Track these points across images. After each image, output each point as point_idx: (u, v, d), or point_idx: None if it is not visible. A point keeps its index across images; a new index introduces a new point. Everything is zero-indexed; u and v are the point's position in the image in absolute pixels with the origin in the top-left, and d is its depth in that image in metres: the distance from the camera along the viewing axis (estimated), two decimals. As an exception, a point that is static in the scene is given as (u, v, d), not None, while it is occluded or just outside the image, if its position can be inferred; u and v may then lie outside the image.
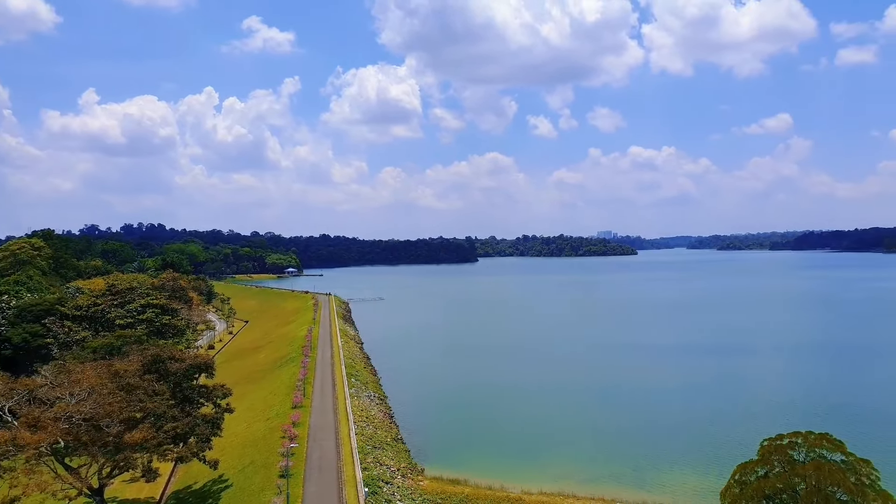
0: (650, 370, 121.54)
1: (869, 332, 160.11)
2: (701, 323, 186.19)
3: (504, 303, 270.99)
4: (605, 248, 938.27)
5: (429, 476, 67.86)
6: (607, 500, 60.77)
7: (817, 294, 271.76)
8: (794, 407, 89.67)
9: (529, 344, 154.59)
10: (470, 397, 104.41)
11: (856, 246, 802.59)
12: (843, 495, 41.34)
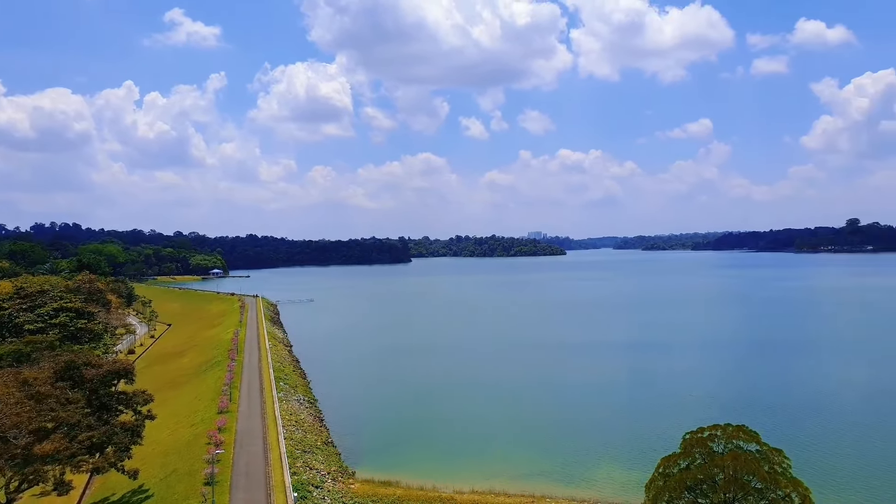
0: (577, 367, 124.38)
1: (780, 328, 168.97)
2: (625, 321, 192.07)
3: (436, 303, 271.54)
4: (535, 248, 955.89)
5: (360, 479, 67.13)
6: (537, 497, 61.66)
7: (734, 293, 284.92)
8: (714, 400, 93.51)
9: (460, 343, 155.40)
10: (401, 398, 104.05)
11: (771, 246, 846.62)
12: (758, 483, 43.39)
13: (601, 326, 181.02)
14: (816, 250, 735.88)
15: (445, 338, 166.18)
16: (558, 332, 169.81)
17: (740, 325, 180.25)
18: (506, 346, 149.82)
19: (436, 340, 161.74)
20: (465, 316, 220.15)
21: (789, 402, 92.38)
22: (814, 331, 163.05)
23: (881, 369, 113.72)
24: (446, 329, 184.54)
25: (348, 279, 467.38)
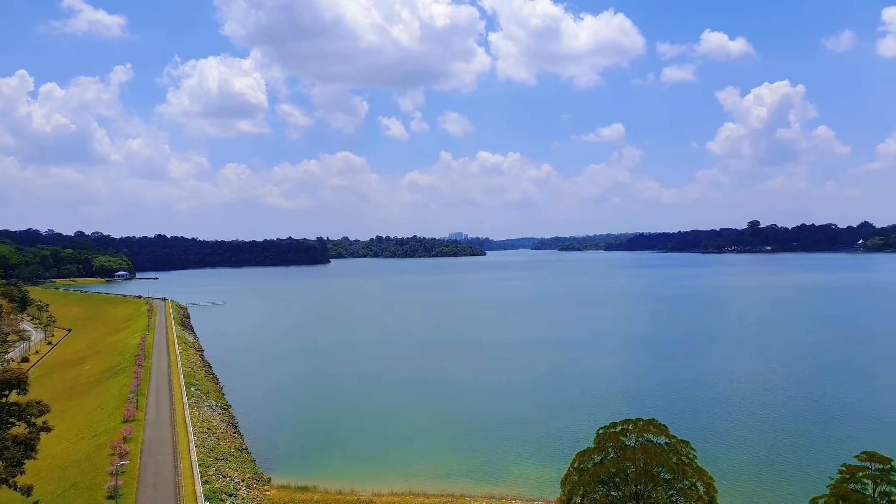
0: (495, 366, 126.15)
1: (686, 326, 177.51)
2: (540, 320, 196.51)
3: (353, 305, 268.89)
4: (456, 249, 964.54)
5: (276, 485, 65.45)
6: (456, 496, 61.96)
7: (644, 292, 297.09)
8: (626, 396, 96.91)
9: (377, 345, 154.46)
10: (318, 401, 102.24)
11: (679, 246, 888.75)
12: (667, 474, 45.21)
13: (518, 325, 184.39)
14: (721, 251, 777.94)
15: (362, 340, 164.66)
16: (476, 332, 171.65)
17: (649, 322, 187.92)
18: (423, 347, 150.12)
19: (353, 342, 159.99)
20: (382, 317, 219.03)
21: (695, 396, 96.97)
22: (716, 327, 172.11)
23: (776, 363, 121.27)
24: (363, 331, 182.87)
25: (263, 281, 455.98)
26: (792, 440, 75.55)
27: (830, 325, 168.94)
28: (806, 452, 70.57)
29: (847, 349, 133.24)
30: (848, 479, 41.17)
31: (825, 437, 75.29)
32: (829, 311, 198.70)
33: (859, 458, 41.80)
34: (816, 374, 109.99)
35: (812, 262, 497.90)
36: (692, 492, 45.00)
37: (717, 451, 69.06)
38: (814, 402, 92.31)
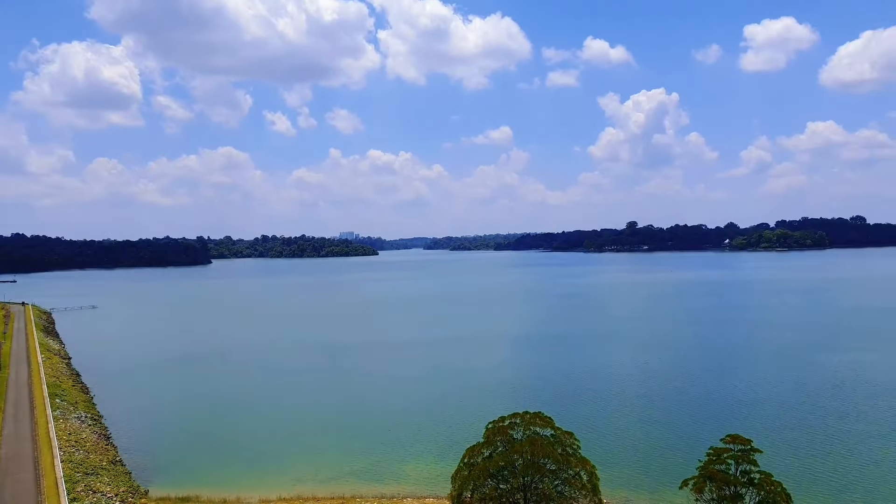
0: (384, 365, 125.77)
1: (568, 321, 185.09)
2: (430, 318, 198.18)
3: (235, 307, 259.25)
4: (347, 248, 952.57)
5: (154, 497, 61.80)
6: (347, 497, 61.12)
7: (529, 290, 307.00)
8: (514, 390, 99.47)
9: (259, 349, 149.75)
10: (197, 410, 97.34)
11: (563, 246, 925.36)
12: (552, 465, 46.87)
13: (407, 324, 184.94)
14: (602, 250, 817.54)
15: (243, 344, 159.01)
16: (365, 332, 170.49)
17: (535, 319, 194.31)
18: (309, 349, 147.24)
19: (232, 347, 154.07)
20: (265, 320, 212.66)
21: (578, 388, 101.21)
22: (596, 323, 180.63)
23: (650, 355, 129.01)
24: (244, 335, 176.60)
25: (138, 283, 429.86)
26: (665, 427, 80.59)
27: (698, 319, 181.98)
28: (678, 438, 75.43)
29: (713, 341, 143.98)
30: (714, 460, 44.41)
31: (695, 423, 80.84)
32: (697, 306, 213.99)
33: (724, 441, 45.21)
34: (686, 365, 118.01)
35: (683, 261, 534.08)
36: (576, 481, 46.90)
37: (598, 441, 72.34)
38: (685, 391, 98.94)
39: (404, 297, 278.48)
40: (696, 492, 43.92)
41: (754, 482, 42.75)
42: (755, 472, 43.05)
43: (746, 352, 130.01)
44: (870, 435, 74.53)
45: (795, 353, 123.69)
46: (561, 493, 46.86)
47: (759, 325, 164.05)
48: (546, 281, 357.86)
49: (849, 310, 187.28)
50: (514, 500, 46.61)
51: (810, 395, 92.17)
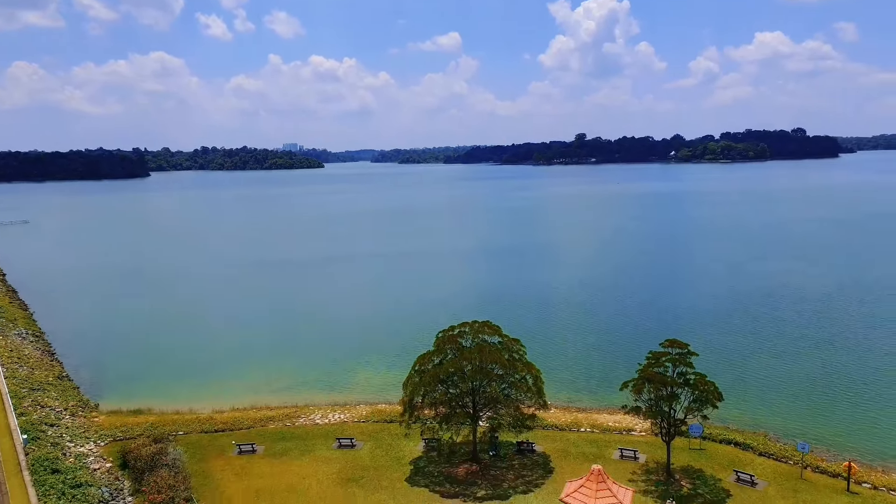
0: (335, 279, 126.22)
1: (516, 234, 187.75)
2: (381, 232, 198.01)
3: (178, 221, 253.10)
4: (291, 161, 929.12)
5: (105, 411, 61.95)
6: (300, 406, 62.47)
7: (479, 203, 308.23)
8: (464, 301, 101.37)
9: (207, 264, 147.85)
10: (143, 324, 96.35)
11: (512, 159, 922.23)
12: (500, 370, 48.68)
13: (357, 238, 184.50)
14: (551, 162, 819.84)
15: (189, 259, 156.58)
16: (313, 247, 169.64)
17: (483, 232, 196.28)
18: (257, 263, 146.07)
19: (176, 261, 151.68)
20: (210, 234, 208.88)
21: (525, 298, 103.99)
22: (544, 236, 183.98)
23: (596, 266, 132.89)
24: (189, 249, 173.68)
25: (71, 196, 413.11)
26: (608, 333, 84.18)
27: (641, 230, 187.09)
28: (620, 344, 79.04)
29: (655, 251, 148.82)
30: (653, 363, 46.80)
31: (636, 329, 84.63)
32: (641, 219, 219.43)
33: (663, 345, 47.53)
34: (629, 275, 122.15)
35: (630, 174, 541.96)
36: (522, 384, 48.96)
37: (544, 347, 75.13)
38: (627, 299, 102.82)
39: (353, 211, 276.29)
40: (635, 393, 46.47)
41: (689, 383, 45.41)
42: (691, 374, 45.64)
43: (686, 261, 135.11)
44: (796, 338, 79.62)
45: (732, 263, 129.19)
46: (508, 395, 48.96)
47: (699, 236, 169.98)
48: (495, 195, 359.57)
49: (783, 221, 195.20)
50: (464, 404, 48.52)
51: (744, 302, 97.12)
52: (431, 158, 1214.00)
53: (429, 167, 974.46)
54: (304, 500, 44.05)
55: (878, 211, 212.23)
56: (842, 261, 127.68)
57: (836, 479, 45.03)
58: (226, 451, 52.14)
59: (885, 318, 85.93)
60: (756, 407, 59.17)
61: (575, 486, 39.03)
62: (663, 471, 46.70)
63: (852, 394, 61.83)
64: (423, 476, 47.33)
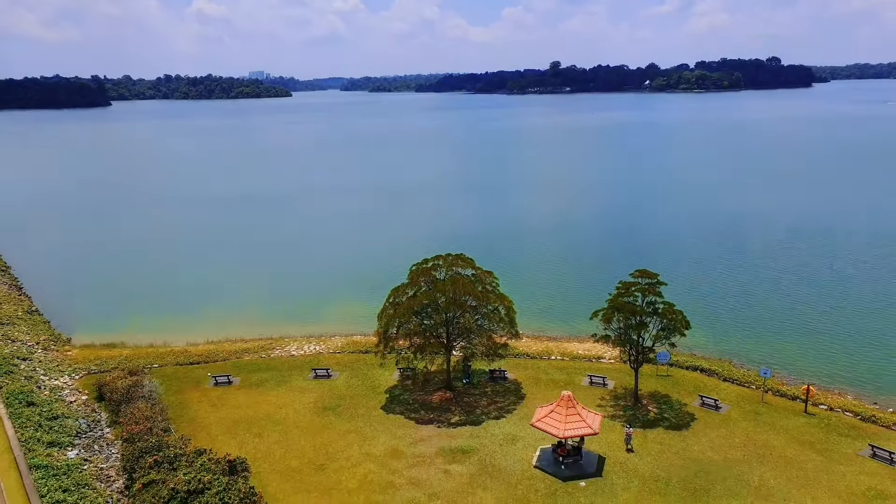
0: (308, 213, 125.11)
1: (490, 168, 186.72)
2: (355, 164, 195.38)
3: (145, 153, 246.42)
4: (258, 89, 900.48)
5: (78, 345, 61.78)
6: (275, 338, 62.92)
7: (450, 134, 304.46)
8: (437, 234, 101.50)
9: (169, 196, 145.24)
10: (112, 258, 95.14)
11: (486, 88, 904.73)
12: (473, 301, 49.32)
13: (327, 171, 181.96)
14: (525, 91, 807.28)
15: (155, 191, 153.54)
16: (283, 180, 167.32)
17: (457, 165, 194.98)
18: (228, 197, 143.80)
19: (143, 195, 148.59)
20: (175, 167, 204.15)
21: (498, 230, 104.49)
22: (517, 168, 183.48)
23: (570, 198, 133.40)
24: (154, 181, 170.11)
25: (27, 126, 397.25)
26: (579, 264, 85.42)
27: (614, 161, 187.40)
28: (591, 274, 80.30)
29: (627, 182, 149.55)
30: (623, 293, 47.71)
31: (607, 260, 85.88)
32: (614, 149, 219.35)
33: (633, 276, 48.37)
34: (601, 206, 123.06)
35: (604, 103, 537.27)
36: (495, 315, 49.77)
37: (516, 278, 75.88)
38: (598, 230, 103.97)
39: (323, 142, 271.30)
40: (605, 322, 47.53)
41: (658, 312, 46.53)
42: (660, 303, 46.72)
43: (658, 192, 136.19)
44: (762, 269, 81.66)
45: (703, 194, 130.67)
46: (481, 326, 49.81)
47: (670, 167, 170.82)
48: (468, 125, 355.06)
49: (754, 151, 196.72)
50: (438, 334, 49.28)
51: (713, 233, 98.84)
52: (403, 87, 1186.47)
53: (400, 96, 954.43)
54: (281, 429, 44.94)
55: (849, 144, 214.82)
56: (809, 194, 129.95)
57: (794, 402, 47.18)
58: (202, 382, 52.61)
59: (845, 251, 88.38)
60: (722, 335, 61.12)
61: (545, 412, 40.36)
62: (631, 396, 48.42)
63: (812, 322, 64.12)
64: (398, 404, 48.44)
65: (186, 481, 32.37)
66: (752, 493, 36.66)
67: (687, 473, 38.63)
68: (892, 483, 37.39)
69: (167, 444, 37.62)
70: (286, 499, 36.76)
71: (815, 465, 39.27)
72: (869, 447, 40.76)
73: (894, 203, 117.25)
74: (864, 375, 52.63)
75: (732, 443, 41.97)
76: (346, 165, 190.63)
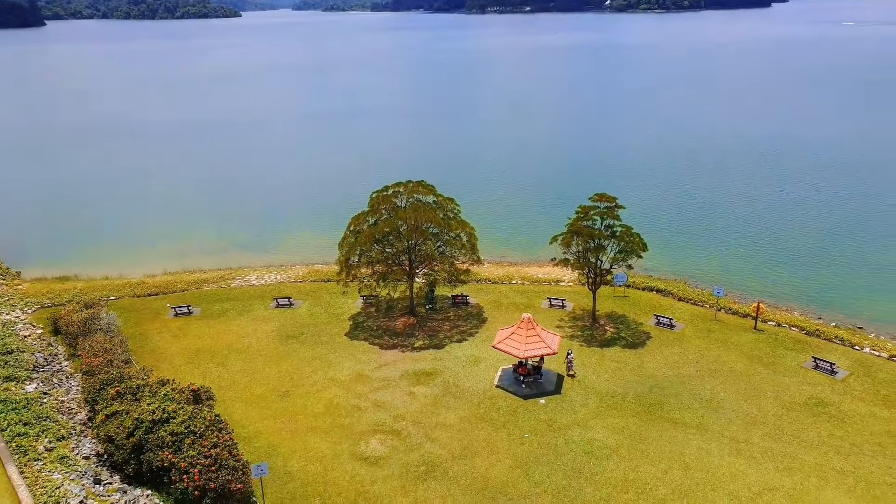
0: (264, 141, 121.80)
1: (448, 92, 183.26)
2: (308, 89, 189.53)
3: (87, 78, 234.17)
4: (205, 9, 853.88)
5: (28, 279, 60.11)
6: (234, 268, 62.20)
7: (407, 57, 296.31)
8: (397, 162, 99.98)
9: (116, 126, 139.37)
10: (60, 190, 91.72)
11: (445, 7, 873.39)
12: (435, 228, 49.21)
13: (282, 97, 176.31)
14: (484, 11, 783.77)
15: (98, 120, 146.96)
16: (236, 107, 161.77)
17: (414, 89, 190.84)
18: (178, 124, 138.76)
19: (87, 124, 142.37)
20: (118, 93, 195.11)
21: (459, 157, 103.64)
22: (476, 92, 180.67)
23: (531, 123, 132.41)
24: (96, 110, 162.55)
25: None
26: (539, 189, 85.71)
27: (572, 84, 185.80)
28: (550, 199, 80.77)
29: (585, 106, 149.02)
30: (582, 217, 48.17)
31: (566, 185, 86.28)
32: (573, 72, 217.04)
33: (592, 200, 48.73)
34: (560, 130, 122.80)
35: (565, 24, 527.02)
36: (457, 241, 49.84)
37: (477, 205, 75.87)
38: (558, 155, 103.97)
39: (276, 65, 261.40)
40: (564, 246, 48.16)
41: (616, 235, 47.26)
42: (617, 226, 47.40)
43: (617, 117, 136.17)
44: (717, 191, 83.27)
45: (661, 119, 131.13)
46: (443, 253, 49.94)
47: (629, 91, 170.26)
48: (426, 46, 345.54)
49: (713, 74, 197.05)
50: (400, 262, 49.30)
51: (670, 157, 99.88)
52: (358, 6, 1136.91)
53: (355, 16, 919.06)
54: (244, 358, 45.01)
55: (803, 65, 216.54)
56: (764, 117, 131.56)
57: (745, 319, 49.15)
58: (161, 314, 52.00)
59: (795, 172, 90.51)
60: (678, 256, 62.71)
61: (506, 334, 41.24)
62: (589, 317, 49.72)
63: (763, 243, 66.19)
64: (362, 330, 48.84)
65: (151, 411, 32.36)
66: (704, 405, 38.53)
67: (642, 389, 40.27)
68: (831, 392, 39.70)
69: (129, 375, 37.36)
70: (252, 425, 37.21)
71: (762, 378, 41.33)
72: (812, 359, 42.99)
73: (839, 128, 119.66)
74: (810, 292, 55.01)
75: (686, 359, 43.75)
76: (300, 91, 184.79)
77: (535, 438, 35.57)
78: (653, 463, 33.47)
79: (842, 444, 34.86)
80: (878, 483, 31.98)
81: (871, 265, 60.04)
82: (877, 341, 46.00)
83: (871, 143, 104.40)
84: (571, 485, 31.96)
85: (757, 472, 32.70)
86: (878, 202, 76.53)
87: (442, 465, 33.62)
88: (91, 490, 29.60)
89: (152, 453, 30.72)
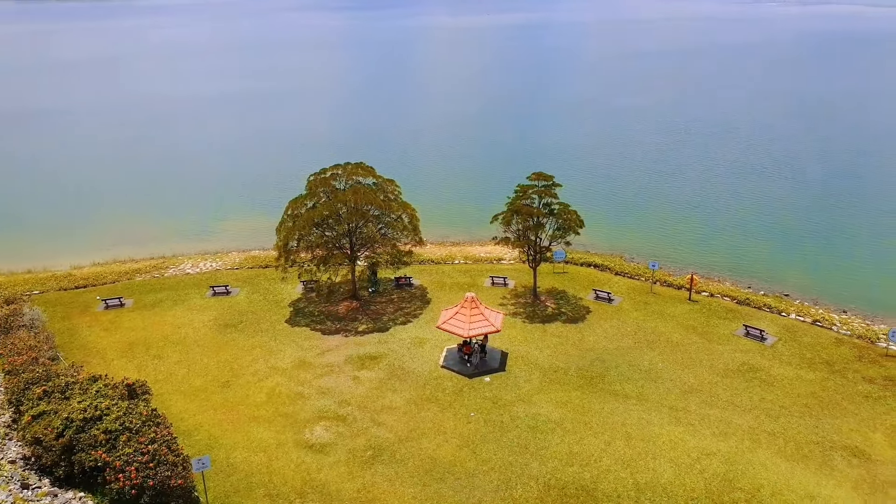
0: (192, 123, 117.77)
1: (385, 72, 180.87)
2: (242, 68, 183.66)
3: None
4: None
5: (-58, 276, 56.43)
6: (168, 257, 60.18)
7: (342, 35, 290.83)
8: (335, 144, 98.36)
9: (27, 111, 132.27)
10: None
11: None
12: (375, 210, 48.62)
13: (209, 79, 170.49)
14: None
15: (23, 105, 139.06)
16: (162, 86, 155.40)
17: (351, 70, 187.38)
18: (98, 108, 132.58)
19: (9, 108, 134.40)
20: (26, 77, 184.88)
21: (397, 138, 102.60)
22: (412, 72, 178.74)
23: (463, 102, 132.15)
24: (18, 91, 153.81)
25: None
26: (479, 170, 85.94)
27: (510, 65, 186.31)
28: (490, 179, 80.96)
29: (523, 87, 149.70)
30: (521, 196, 48.47)
31: (505, 165, 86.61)
32: (510, 52, 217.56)
33: (530, 178, 49.04)
34: (498, 111, 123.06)
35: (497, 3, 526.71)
36: (398, 223, 49.43)
37: (418, 186, 75.41)
38: (496, 135, 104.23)
39: (198, 45, 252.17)
40: (505, 224, 48.45)
41: (554, 212, 47.80)
42: (555, 204, 47.94)
43: (553, 97, 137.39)
44: (651, 167, 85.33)
45: (595, 99, 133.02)
46: (385, 235, 49.47)
47: (566, 72, 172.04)
48: (362, 25, 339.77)
49: (648, 53, 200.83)
50: (340, 245, 48.54)
51: (603, 135, 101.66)
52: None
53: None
54: (181, 349, 43.64)
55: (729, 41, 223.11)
56: (695, 94, 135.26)
57: (680, 291, 50.67)
58: (91, 306, 49.82)
59: (726, 149, 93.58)
60: (614, 232, 64.05)
61: (450, 314, 41.24)
62: (530, 294, 50.29)
63: (695, 216, 68.35)
64: (303, 316, 48.01)
65: (82, 409, 30.95)
66: (643, 375, 39.59)
67: (584, 362, 41.06)
68: (761, 357, 41.43)
69: (56, 373, 35.62)
70: (192, 418, 36.17)
71: (697, 347, 42.75)
72: (743, 327, 44.73)
73: (766, 107, 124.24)
74: (740, 263, 57.23)
75: (624, 331, 44.81)
76: (229, 71, 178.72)
77: (481, 416, 35.84)
78: (596, 435, 34.23)
79: (772, 406, 36.48)
80: (805, 442, 33.63)
81: (794, 236, 62.90)
82: (801, 307, 48.28)
83: (795, 120, 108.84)
84: (518, 461, 32.37)
85: (695, 438, 33.88)
86: (800, 177, 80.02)
87: (389, 448, 33.51)
88: (19, 495, 28.19)
89: (84, 453, 29.42)
